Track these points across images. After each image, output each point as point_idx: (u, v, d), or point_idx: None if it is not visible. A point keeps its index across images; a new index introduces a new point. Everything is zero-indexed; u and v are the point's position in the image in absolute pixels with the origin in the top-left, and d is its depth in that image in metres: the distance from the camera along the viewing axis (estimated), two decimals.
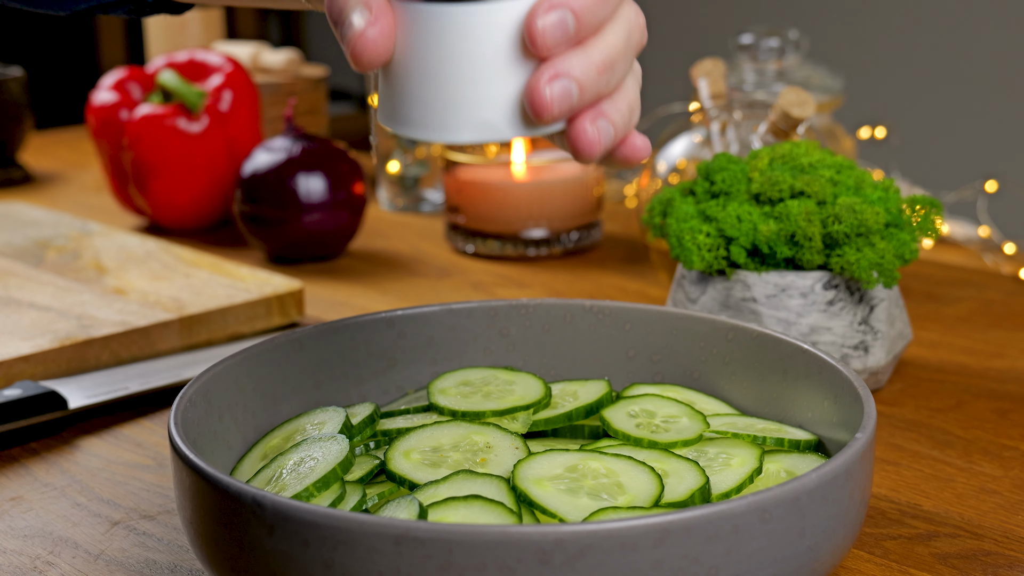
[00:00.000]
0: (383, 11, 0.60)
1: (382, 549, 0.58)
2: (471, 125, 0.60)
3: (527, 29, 0.59)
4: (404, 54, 0.60)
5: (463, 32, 0.59)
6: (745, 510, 0.59)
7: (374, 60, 0.60)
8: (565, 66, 0.59)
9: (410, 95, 0.61)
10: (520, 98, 0.60)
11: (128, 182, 1.40)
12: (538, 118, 0.59)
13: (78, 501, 0.84)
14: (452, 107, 0.60)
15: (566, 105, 0.60)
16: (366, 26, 0.59)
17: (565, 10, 0.59)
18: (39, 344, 0.99)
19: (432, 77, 0.60)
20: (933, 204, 0.95)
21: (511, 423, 0.77)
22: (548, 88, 0.59)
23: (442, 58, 0.59)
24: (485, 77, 0.60)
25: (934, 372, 1.02)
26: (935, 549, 0.77)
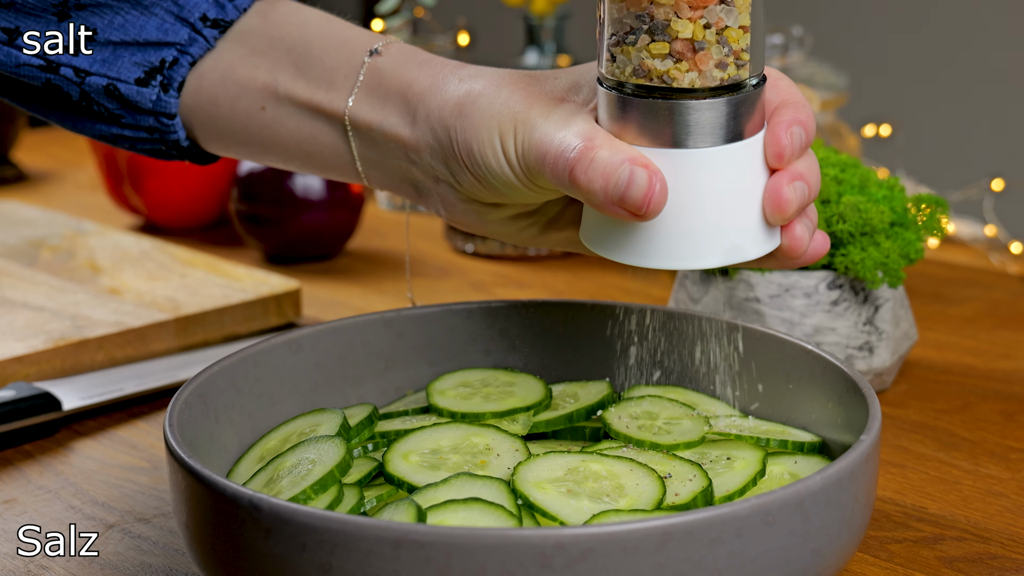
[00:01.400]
0: (653, 164, 0.66)
1: (380, 552, 0.57)
2: (721, 251, 0.67)
3: (773, 143, 0.67)
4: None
5: (713, 172, 0.66)
6: (748, 513, 0.59)
7: (662, 209, 0.66)
8: (800, 169, 0.67)
9: (658, 231, 0.67)
10: (758, 223, 0.67)
11: (123, 181, 1.40)
12: (780, 215, 0.67)
13: (72, 504, 0.84)
14: (704, 237, 0.67)
15: (801, 203, 0.67)
16: (654, 180, 0.65)
17: (801, 127, 0.67)
18: (33, 345, 0.99)
19: (684, 213, 0.66)
20: (939, 203, 0.95)
21: (511, 425, 0.77)
22: (789, 189, 0.67)
23: (695, 195, 0.66)
24: (732, 208, 0.67)
25: (940, 373, 1.02)
26: (941, 552, 0.77)
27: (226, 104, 0.78)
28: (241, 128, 0.79)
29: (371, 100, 0.75)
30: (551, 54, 1.51)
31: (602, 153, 0.65)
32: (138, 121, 0.80)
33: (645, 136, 0.66)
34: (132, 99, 0.79)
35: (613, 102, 0.67)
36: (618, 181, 0.65)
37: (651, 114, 0.66)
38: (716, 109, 0.65)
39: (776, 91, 0.69)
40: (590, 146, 0.66)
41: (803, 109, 0.68)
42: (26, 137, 1.83)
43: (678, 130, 0.65)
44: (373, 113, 0.75)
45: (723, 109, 0.65)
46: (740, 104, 0.66)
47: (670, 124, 0.65)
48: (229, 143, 0.80)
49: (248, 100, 0.78)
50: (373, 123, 0.75)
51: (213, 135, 0.80)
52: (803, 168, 0.67)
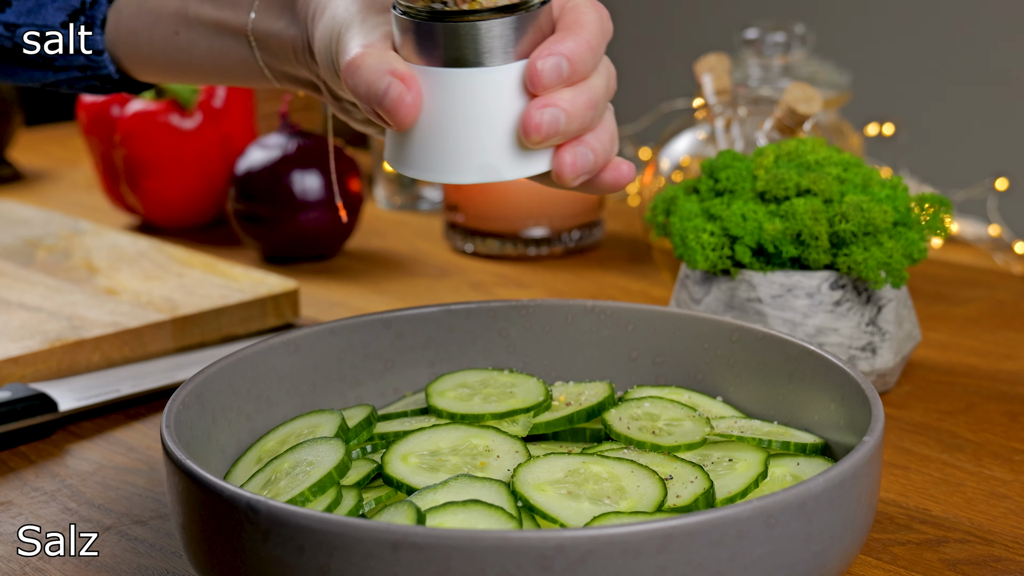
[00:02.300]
0: (412, 78, 0.69)
1: (379, 555, 0.57)
2: (474, 168, 0.70)
3: (528, 71, 0.69)
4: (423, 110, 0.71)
5: (471, 91, 0.69)
6: (750, 515, 0.59)
7: (413, 119, 0.69)
8: (555, 98, 0.69)
9: (422, 144, 0.71)
10: (515, 146, 0.70)
11: (120, 180, 1.40)
12: (527, 139, 0.69)
13: (68, 506, 0.83)
14: (459, 153, 0.70)
15: (552, 129, 0.69)
16: (404, 92, 0.69)
17: (561, 56, 0.69)
18: (29, 345, 0.99)
19: (443, 129, 0.70)
20: (942, 202, 0.94)
21: (511, 426, 0.77)
22: (538, 113, 0.69)
23: (452, 112, 0.70)
24: (488, 128, 0.70)
25: (943, 374, 1.02)
26: (944, 555, 0.77)
27: (144, 34, 0.85)
28: (160, 54, 0.85)
29: (269, 10, 0.80)
30: None
31: (368, 61, 0.69)
32: (70, 62, 0.87)
33: (416, 54, 0.70)
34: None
35: (395, 21, 0.71)
36: (377, 89, 0.69)
37: (420, 34, 0.69)
38: (475, 31, 0.69)
39: (571, 15, 0.71)
40: (361, 54, 0.70)
41: (573, 39, 0.69)
42: (22, 136, 1.83)
43: (442, 51, 0.69)
44: (270, 22, 0.80)
45: (484, 32, 0.69)
46: (501, 27, 0.69)
47: (435, 45, 0.69)
48: (153, 70, 0.87)
49: (163, 27, 0.85)
50: (270, 31, 0.80)
51: (138, 64, 0.87)
52: (564, 98, 0.69)
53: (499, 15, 0.69)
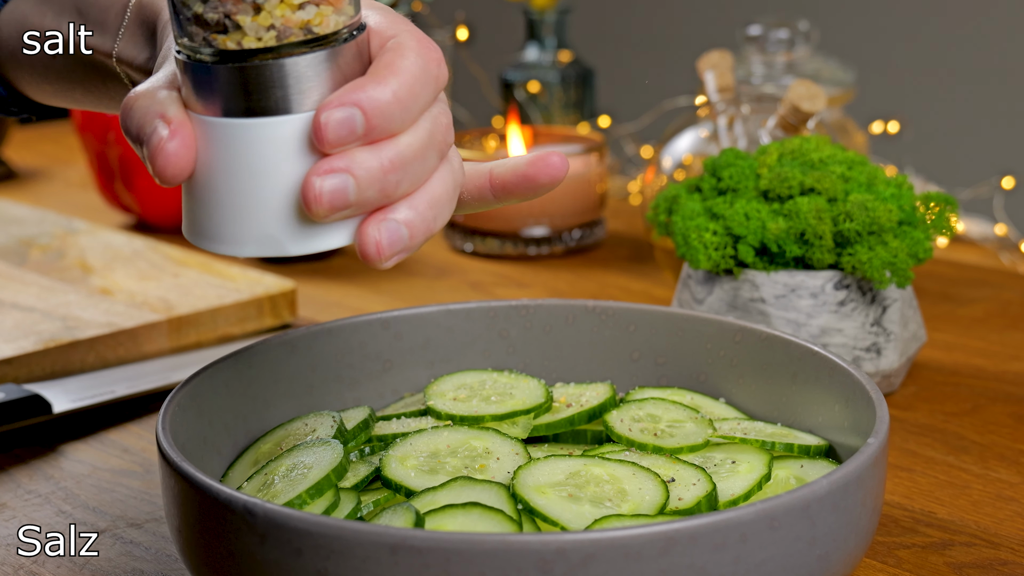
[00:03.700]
0: (183, 124, 0.60)
1: (377, 558, 0.57)
2: (254, 239, 0.60)
3: (313, 125, 0.58)
4: (199, 167, 0.61)
5: (249, 147, 0.59)
6: (753, 518, 0.59)
7: (178, 174, 0.60)
8: (343, 161, 0.59)
9: (201, 207, 0.61)
10: (303, 213, 0.60)
11: (115, 178, 1.40)
12: (309, 212, 0.59)
13: (63, 508, 0.83)
14: (237, 221, 0.60)
15: (340, 200, 0.58)
16: (167, 139, 0.59)
17: (354, 108, 0.58)
18: (22, 346, 0.99)
19: (220, 191, 0.60)
20: (948, 201, 0.95)
21: (511, 428, 0.77)
22: (319, 180, 0.58)
23: (229, 172, 0.60)
24: (268, 192, 0.60)
25: (949, 375, 1.02)
26: (950, 558, 0.76)
27: (24, 56, 0.77)
28: (43, 78, 0.78)
29: (134, 39, 0.71)
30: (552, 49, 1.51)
31: (141, 101, 0.61)
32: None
33: (195, 100, 0.60)
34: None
35: (177, 66, 0.61)
36: (143, 134, 0.60)
37: (196, 77, 0.60)
38: (251, 75, 0.59)
39: (390, 55, 0.60)
40: (136, 92, 0.61)
41: (373, 87, 0.59)
42: (16, 134, 1.83)
43: (219, 98, 0.59)
44: (134, 52, 0.71)
45: (261, 75, 0.59)
46: (285, 70, 0.59)
47: (212, 90, 0.59)
48: (42, 94, 0.79)
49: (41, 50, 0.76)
50: (134, 63, 0.71)
51: (27, 87, 0.79)
52: (356, 161, 0.59)
53: (287, 53, 0.59)
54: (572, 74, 1.52)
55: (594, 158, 1.32)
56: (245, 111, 0.59)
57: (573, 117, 1.52)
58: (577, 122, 1.52)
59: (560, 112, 1.51)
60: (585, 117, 1.53)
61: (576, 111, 1.53)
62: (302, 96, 0.59)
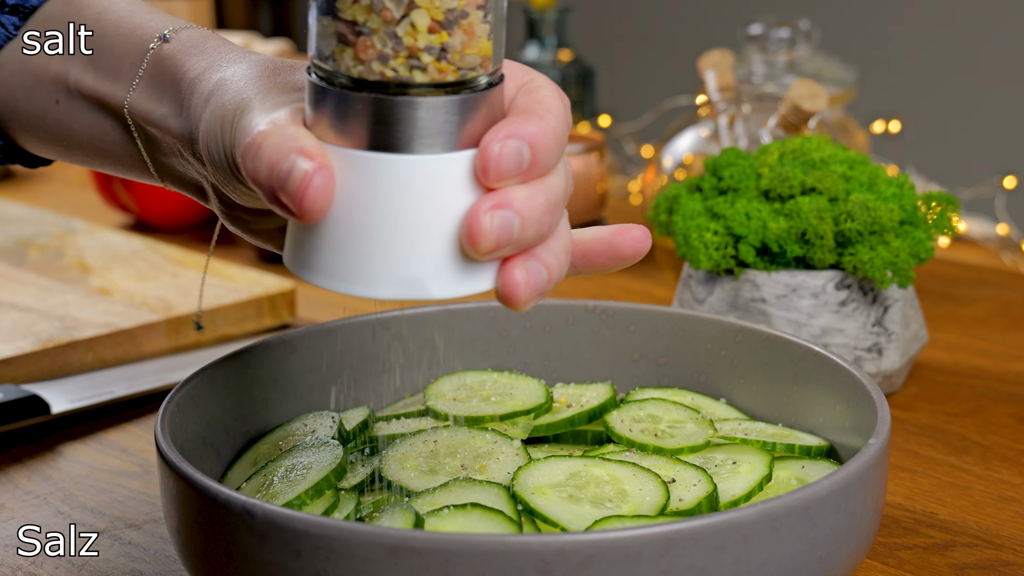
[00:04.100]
0: (325, 156, 0.57)
1: (377, 559, 0.57)
2: (394, 281, 0.58)
3: (481, 155, 0.57)
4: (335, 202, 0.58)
5: (401, 183, 0.57)
6: (754, 519, 0.59)
7: (323, 210, 0.57)
8: (510, 196, 0.57)
9: (331, 244, 0.58)
10: (452, 256, 0.58)
11: (113, 178, 1.40)
12: (473, 249, 0.57)
13: (61, 509, 0.83)
14: (378, 261, 0.58)
15: (505, 237, 0.57)
16: (312, 172, 0.56)
17: (522, 141, 0.57)
18: (20, 346, 0.98)
19: (360, 228, 0.58)
20: (949, 201, 0.95)
21: (511, 428, 0.76)
22: (489, 216, 0.57)
23: (374, 208, 0.57)
24: (418, 230, 0.57)
25: (950, 375, 1.02)
26: (952, 559, 0.76)
27: (23, 98, 0.74)
28: (40, 124, 0.74)
29: (150, 91, 0.69)
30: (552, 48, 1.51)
31: (273, 139, 0.57)
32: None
33: (334, 132, 0.58)
34: None
35: (312, 92, 0.59)
36: (280, 170, 0.56)
37: (342, 107, 0.58)
38: (410, 109, 0.57)
39: (528, 98, 0.59)
40: (265, 131, 0.58)
41: (537, 122, 0.58)
42: None
43: (366, 128, 0.57)
44: (150, 104, 0.69)
45: (421, 110, 0.57)
46: (444, 106, 0.57)
47: (359, 121, 0.57)
48: (36, 142, 0.75)
49: (43, 93, 0.73)
50: (148, 116, 0.69)
51: (21, 133, 0.75)
52: (519, 195, 0.57)
53: (445, 91, 0.57)
54: (572, 73, 1.52)
55: (594, 158, 1.31)
56: (392, 146, 0.57)
57: (573, 116, 1.52)
58: (577, 121, 1.52)
59: None
60: (585, 116, 1.53)
61: (576, 110, 1.52)
62: (460, 133, 0.57)
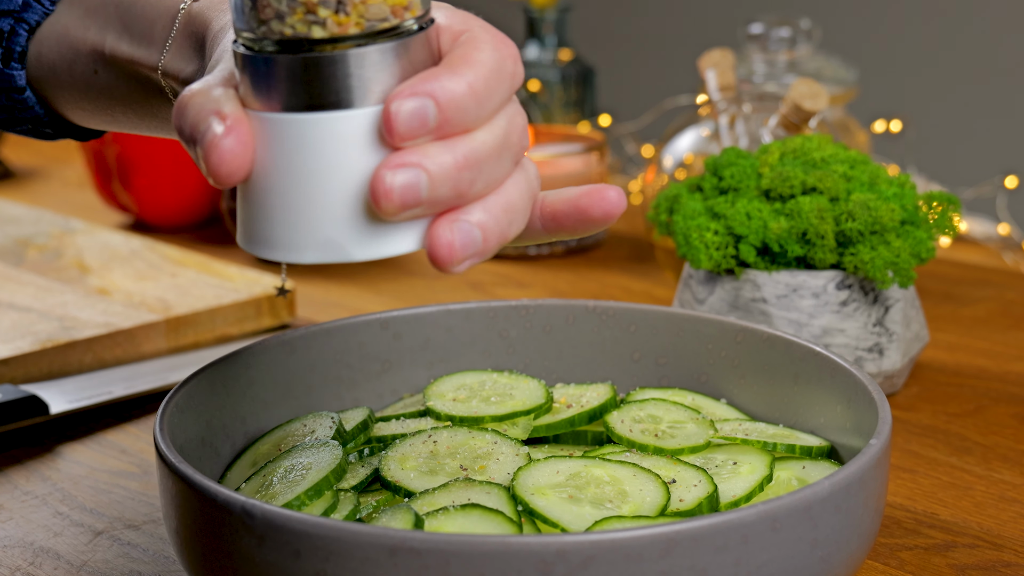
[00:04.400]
0: (239, 120, 0.56)
1: (376, 560, 0.57)
2: (315, 244, 0.57)
3: (383, 115, 0.55)
4: (257, 168, 0.58)
5: (311, 143, 0.56)
6: (755, 519, 0.59)
7: (233, 173, 0.57)
8: (415, 156, 0.56)
9: (258, 211, 0.58)
10: (370, 217, 0.57)
11: (112, 178, 1.40)
12: (378, 209, 0.55)
13: (60, 510, 0.83)
14: (298, 225, 0.57)
15: (411, 196, 0.55)
16: (222, 135, 0.56)
17: (427, 99, 0.55)
18: (19, 346, 0.98)
19: (279, 192, 0.57)
20: (951, 200, 0.94)
21: (511, 429, 0.76)
22: (390, 175, 0.55)
23: (289, 171, 0.57)
24: (332, 192, 0.56)
25: (952, 376, 1.02)
26: (953, 560, 0.76)
27: (64, 71, 0.74)
28: (83, 95, 0.75)
29: (182, 51, 0.69)
30: (552, 47, 1.51)
31: (197, 99, 0.57)
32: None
33: (253, 96, 0.57)
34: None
35: (233, 58, 0.58)
36: (198, 132, 0.56)
37: (254, 70, 0.57)
38: (315, 66, 0.56)
39: (462, 49, 0.58)
40: (190, 90, 0.58)
41: (448, 77, 0.56)
42: None
43: (279, 91, 0.56)
44: (181, 64, 0.69)
45: (327, 66, 0.56)
46: (353, 61, 0.56)
47: (271, 84, 0.56)
48: (80, 113, 0.76)
49: (82, 64, 0.73)
50: (179, 75, 0.69)
51: (65, 106, 0.76)
52: (428, 154, 0.56)
53: (352, 44, 0.56)
54: (572, 73, 1.51)
55: (595, 157, 1.31)
56: (307, 106, 0.56)
57: (574, 116, 1.52)
58: (577, 121, 1.52)
59: (560, 111, 1.51)
60: (586, 116, 1.53)
61: (577, 110, 1.52)
62: (367, 90, 0.56)
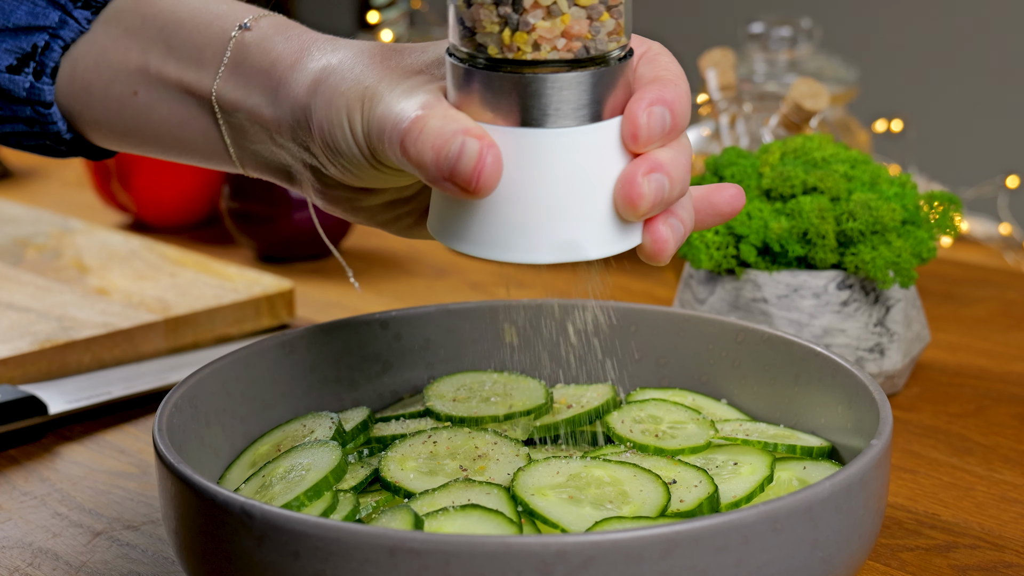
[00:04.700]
0: (487, 135, 0.61)
1: (376, 561, 0.57)
2: (551, 246, 0.63)
3: (629, 123, 0.61)
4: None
5: (555, 154, 0.61)
6: (755, 520, 0.59)
7: (495, 186, 0.61)
8: (660, 159, 0.62)
9: (486, 215, 0.63)
10: (603, 218, 0.62)
11: (111, 177, 1.39)
12: (631, 211, 0.62)
13: (59, 511, 0.83)
14: (535, 228, 0.62)
15: (660, 199, 0.62)
16: (485, 151, 0.60)
17: (665, 107, 0.62)
18: (18, 347, 0.98)
19: (515, 199, 0.62)
20: (952, 200, 0.94)
21: (511, 429, 0.76)
22: (646, 180, 0.61)
23: (529, 180, 0.62)
24: (572, 197, 0.62)
25: (953, 376, 1.02)
26: (954, 561, 0.76)
27: (99, 90, 0.76)
28: (116, 116, 0.76)
29: (237, 78, 0.71)
30: None
31: (434, 123, 0.61)
32: (15, 112, 0.77)
33: (487, 111, 0.62)
34: (5, 87, 0.76)
35: (458, 74, 0.62)
36: (448, 152, 0.60)
37: (491, 87, 0.61)
38: (559, 85, 0.61)
39: (652, 67, 0.64)
40: (423, 115, 0.62)
41: (672, 88, 0.62)
42: None
43: (518, 106, 0.61)
44: (238, 92, 0.71)
45: (569, 85, 0.61)
46: (590, 80, 0.61)
47: (510, 99, 0.61)
48: (107, 134, 0.77)
49: (121, 85, 0.75)
50: (239, 103, 0.71)
51: (92, 125, 0.77)
52: (665, 158, 0.62)
53: (586, 66, 0.61)
54: None
55: None
56: (541, 121, 0.61)
57: None
58: None
59: None
60: None
61: None
62: (597, 106, 0.61)
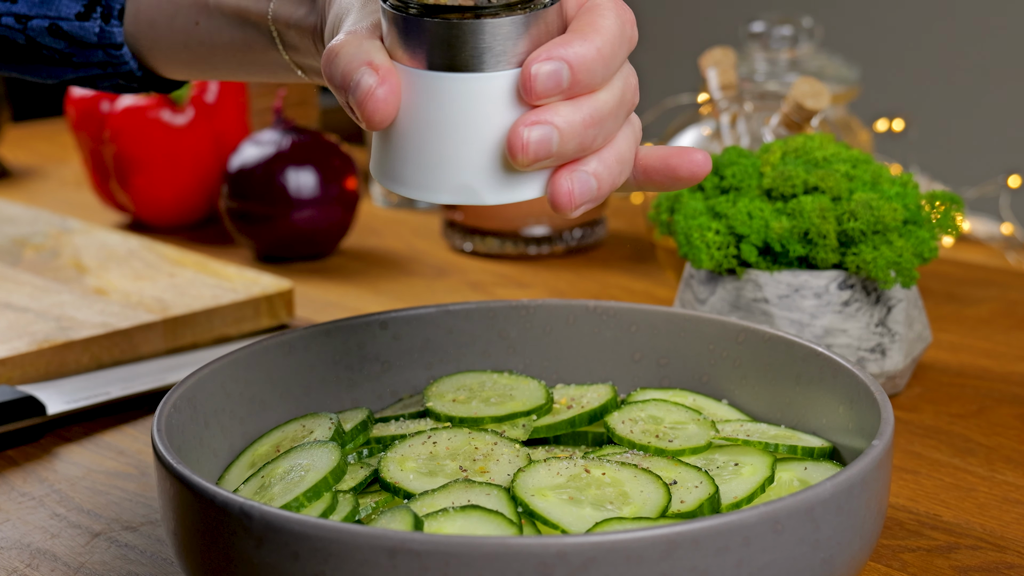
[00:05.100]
0: (390, 72, 0.64)
1: (375, 562, 0.57)
2: (451, 187, 0.65)
3: (521, 77, 0.62)
4: (401, 114, 0.65)
5: (456, 99, 0.64)
6: (756, 521, 0.59)
7: (385, 119, 0.64)
8: (549, 114, 0.63)
9: (400, 153, 0.66)
10: (502, 166, 0.64)
11: (109, 177, 1.39)
12: (514, 160, 0.63)
13: (57, 512, 0.83)
14: (438, 169, 0.65)
15: (543, 150, 0.63)
16: (376, 86, 0.63)
17: (561, 62, 0.62)
18: (16, 347, 0.98)
19: (422, 139, 0.65)
20: (953, 200, 0.94)
21: (511, 430, 0.76)
22: (527, 131, 0.62)
23: (433, 122, 0.64)
24: (471, 143, 0.64)
25: (954, 376, 1.02)
26: (956, 562, 0.76)
27: (163, 25, 0.81)
28: (182, 47, 0.81)
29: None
30: None
31: (348, 49, 0.65)
32: (88, 57, 0.82)
33: (402, 52, 0.64)
34: (76, 35, 0.81)
35: (382, 14, 0.65)
36: (350, 80, 0.64)
37: (406, 30, 0.64)
38: (463, 31, 0.63)
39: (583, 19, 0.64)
40: (343, 42, 0.65)
41: (582, 43, 0.63)
42: (9, 132, 1.82)
43: (428, 50, 0.64)
44: (290, 10, 0.75)
45: (473, 32, 0.63)
46: (490, 29, 0.63)
47: (421, 43, 0.64)
48: (177, 65, 0.82)
49: (183, 17, 0.80)
50: (290, 20, 0.75)
51: (161, 59, 0.83)
52: (560, 113, 0.63)
53: (499, 13, 0.63)
54: None
55: None
56: (450, 65, 0.63)
57: None
58: None
59: None
60: None
61: None
62: (506, 55, 0.63)
